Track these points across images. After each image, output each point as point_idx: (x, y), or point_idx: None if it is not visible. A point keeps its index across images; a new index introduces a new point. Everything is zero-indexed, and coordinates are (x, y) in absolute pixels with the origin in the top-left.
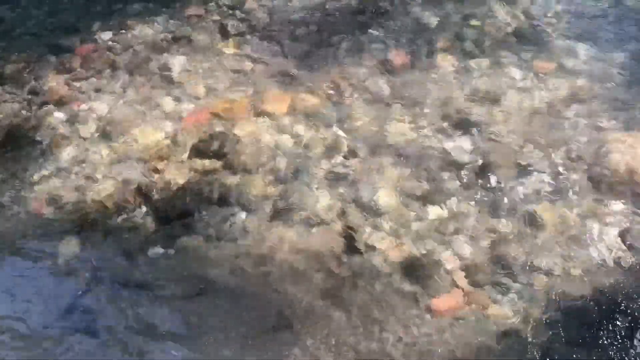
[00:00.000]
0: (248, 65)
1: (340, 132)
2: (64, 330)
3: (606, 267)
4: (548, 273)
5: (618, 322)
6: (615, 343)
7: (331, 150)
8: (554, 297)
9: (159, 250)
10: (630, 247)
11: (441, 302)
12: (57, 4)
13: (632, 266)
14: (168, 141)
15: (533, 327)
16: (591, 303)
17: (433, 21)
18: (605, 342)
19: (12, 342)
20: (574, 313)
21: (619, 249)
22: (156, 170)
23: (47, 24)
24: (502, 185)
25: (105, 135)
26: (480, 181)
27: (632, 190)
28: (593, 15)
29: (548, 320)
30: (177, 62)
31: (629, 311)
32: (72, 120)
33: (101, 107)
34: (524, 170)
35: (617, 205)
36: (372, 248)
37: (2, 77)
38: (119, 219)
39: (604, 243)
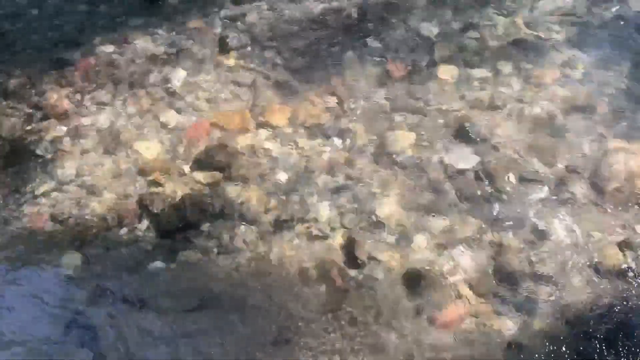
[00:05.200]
0: (248, 77)
1: (341, 143)
2: (65, 345)
3: (609, 277)
4: (552, 284)
5: (622, 334)
6: (620, 355)
7: (331, 161)
8: (557, 309)
9: (160, 264)
10: (631, 257)
11: (444, 315)
12: (59, 18)
13: (634, 276)
14: (169, 154)
15: (537, 338)
16: (594, 314)
17: (433, 32)
18: (610, 354)
19: (12, 357)
20: (577, 324)
21: (621, 258)
22: (157, 184)
23: (48, 37)
24: (504, 195)
25: (106, 148)
26: (481, 192)
27: (634, 199)
28: (593, 24)
29: (552, 332)
30: (178, 75)
31: (632, 323)
32: (74, 134)
33: (102, 120)
34: (525, 180)
35: (620, 214)
36: (374, 260)
37: (5, 92)
38: (120, 233)
39: (607, 252)
